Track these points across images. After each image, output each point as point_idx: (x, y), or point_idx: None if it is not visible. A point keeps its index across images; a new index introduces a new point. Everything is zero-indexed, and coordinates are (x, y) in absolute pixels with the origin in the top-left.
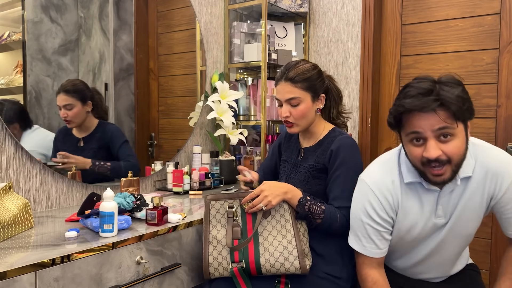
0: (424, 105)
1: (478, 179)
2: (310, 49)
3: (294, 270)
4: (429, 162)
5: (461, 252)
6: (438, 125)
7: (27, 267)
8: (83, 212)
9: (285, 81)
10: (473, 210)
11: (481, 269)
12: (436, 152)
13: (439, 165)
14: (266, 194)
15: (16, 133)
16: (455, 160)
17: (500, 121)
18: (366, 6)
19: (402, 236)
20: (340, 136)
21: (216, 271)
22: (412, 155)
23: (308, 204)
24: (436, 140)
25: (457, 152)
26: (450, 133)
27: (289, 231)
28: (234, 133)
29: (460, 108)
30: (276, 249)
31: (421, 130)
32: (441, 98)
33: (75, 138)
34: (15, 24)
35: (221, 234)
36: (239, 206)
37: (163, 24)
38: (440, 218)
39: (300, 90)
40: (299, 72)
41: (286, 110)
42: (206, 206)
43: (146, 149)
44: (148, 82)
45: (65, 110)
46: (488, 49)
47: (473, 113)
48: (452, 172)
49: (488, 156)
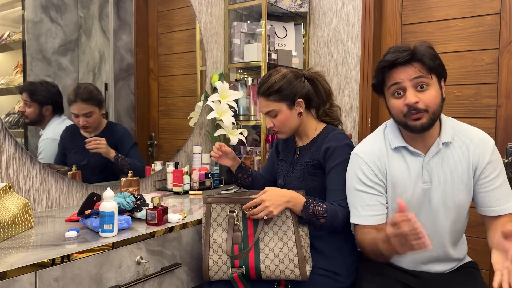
0: (399, 56)
1: (461, 145)
2: (310, 49)
3: (294, 277)
4: (409, 110)
5: (457, 228)
6: (414, 75)
7: (27, 267)
8: (83, 212)
9: (260, 96)
10: (460, 179)
11: (481, 269)
12: (414, 98)
13: (417, 112)
14: (267, 205)
15: (47, 115)
16: (431, 109)
17: (500, 121)
18: (366, 6)
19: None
20: (333, 132)
21: (216, 275)
22: (394, 108)
23: (312, 206)
24: (414, 89)
25: (433, 101)
26: (425, 83)
27: (290, 238)
28: (234, 133)
29: (433, 62)
30: (277, 256)
31: (400, 80)
32: (415, 52)
33: (83, 137)
34: (15, 24)
35: (221, 238)
36: (240, 210)
37: (163, 24)
38: (427, 183)
39: (273, 102)
40: (268, 86)
41: (269, 122)
42: (206, 209)
43: (146, 149)
44: (148, 82)
45: (85, 118)
46: (488, 49)
47: (445, 71)
48: (430, 119)
49: (468, 128)
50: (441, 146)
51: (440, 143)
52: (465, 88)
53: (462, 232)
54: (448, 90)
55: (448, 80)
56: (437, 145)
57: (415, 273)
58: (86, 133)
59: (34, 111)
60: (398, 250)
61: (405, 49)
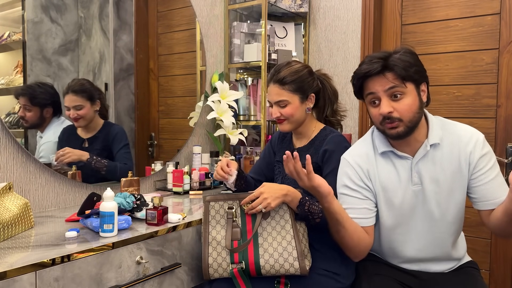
0: (370, 68)
1: (451, 144)
2: (310, 49)
3: (294, 271)
4: (384, 119)
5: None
6: (387, 85)
7: (27, 267)
8: (83, 212)
9: (274, 83)
10: (452, 178)
11: (481, 269)
12: (388, 108)
13: (391, 121)
14: (266, 197)
15: (48, 117)
16: (406, 117)
17: (500, 121)
18: (366, 6)
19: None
20: (332, 134)
21: (216, 272)
22: (372, 116)
23: (308, 204)
24: (388, 99)
25: (408, 109)
26: (399, 92)
27: (288, 232)
28: (234, 133)
29: (406, 71)
30: (276, 250)
31: (375, 91)
32: (386, 62)
33: (80, 138)
34: (15, 24)
35: (220, 235)
36: (238, 207)
37: (163, 24)
38: (417, 185)
39: (288, 92)
40: (288, 74)
41: (276, 111)
42: (205, 207)
43: (146, 149)
44: (148, 82)
45: (75, 111)
46: (488, 49)
47: (423, 76)
48: (406, 127)
49: (456, 126)
50: (428, 148)
51: (428, 145)
52: (465, 88)
53: (459, 231)
54: (448, 90)
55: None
56: (425, 147)
57: (415, 273)
58: (82, 134)
59: (35, 115)
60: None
61: (377, 60)
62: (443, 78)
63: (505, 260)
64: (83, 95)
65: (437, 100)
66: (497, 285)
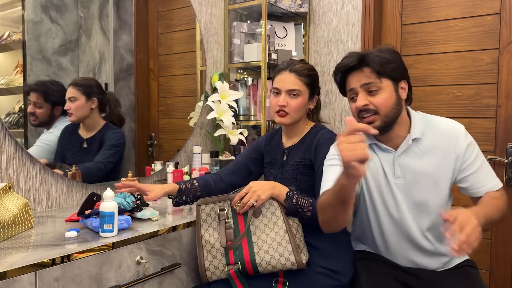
0: (347, 61)
1: (434, 137)
2: (310, 49)
3: (291, 265)
4: (360, 112)
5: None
6: (364, 81)
7: (27, 267)
8: (83, 212)
9: (290, 71)
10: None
11: (481, 269)
12: (363, 102)
13: (368, 114)
14: (255, 189)
15: (57, 116)
16: (382, 111)
17: (500, 121)
18: (366, 6)
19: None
20: (322, 130)
21: (213, 275)
22: (352, 110)
23: (296, 197)
24: (365, 93)
25: (383, 103)
26: (375, 87)
27: (281, 227)
28: (234, 133)
29: (382, 66)
30: (270, 246)
31: (353, 86)
32: (364, 57)
33: (80, 138)
34: (15, 24)
35: (213, 237)
36: (229, 208)
37: (163, 24)
38: (400, 178)
39: (303, 84)
40: (305, 68)
41: (284, 99)
42: (196, 211)
43: (146, 149)
44: (148, 82)
45: (69, 102)
46: (488, 49)
47: (401, 73)
48: (383, 122)
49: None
50: (410, 142)
51: (410, 139)
52: (465, 88)
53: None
54: (448, 90)
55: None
56: (407, 141)
57: (412, 271)
58: (83, 133)
59: (46, 112)
60: (343, 157)
61: (355, 55)
62: (443, 78)
63: (505, 260)
64: (79, 88)
65: (437, 100)
66: (497, 285)
